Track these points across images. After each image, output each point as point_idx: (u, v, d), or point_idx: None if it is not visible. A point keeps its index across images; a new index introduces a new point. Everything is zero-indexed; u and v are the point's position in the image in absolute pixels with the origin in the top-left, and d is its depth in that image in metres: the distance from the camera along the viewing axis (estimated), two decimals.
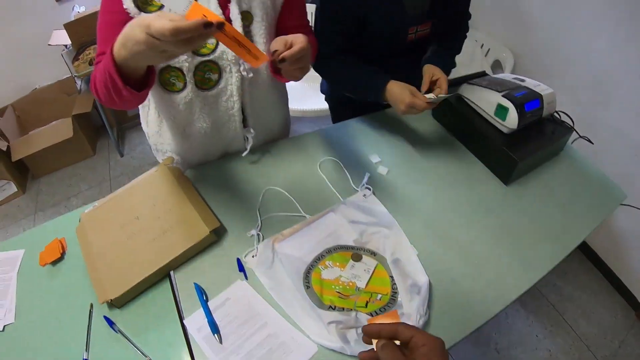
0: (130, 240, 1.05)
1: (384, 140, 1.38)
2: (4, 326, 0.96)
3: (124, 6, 0.93)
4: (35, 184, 3.06)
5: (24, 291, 1.03)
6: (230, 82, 1.10)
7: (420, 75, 1.31)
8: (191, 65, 1.03)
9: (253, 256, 1.02)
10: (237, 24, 1.01)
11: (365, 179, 1.21)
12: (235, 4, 1.01)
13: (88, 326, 0.93)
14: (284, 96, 1.36)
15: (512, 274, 1.01)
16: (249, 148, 1.26)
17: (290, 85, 2.72)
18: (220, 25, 0.69)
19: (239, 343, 0.87)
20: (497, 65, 2.40)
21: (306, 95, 2.69)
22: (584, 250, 2.32)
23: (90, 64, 2.59)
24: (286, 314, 0.91)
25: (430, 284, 0.95)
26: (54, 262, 1.08)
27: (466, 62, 2.06)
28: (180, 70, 1.04)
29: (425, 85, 1.27)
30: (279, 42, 0.88)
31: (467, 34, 1.55)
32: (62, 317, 0.96)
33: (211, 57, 1.04)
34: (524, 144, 1.22)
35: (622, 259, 2.19)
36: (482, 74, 1.51)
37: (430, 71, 1.28)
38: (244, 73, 1.09)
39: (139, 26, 0.69)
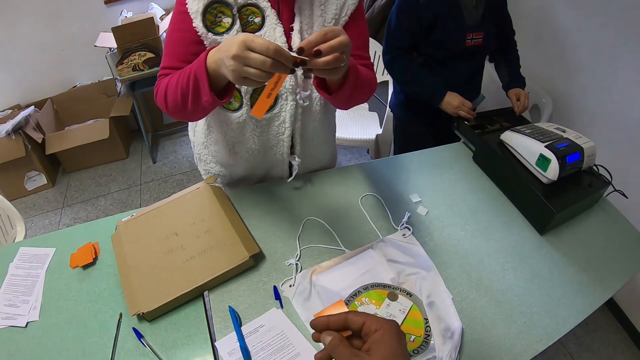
0: (168, 255, 1.06)
1: (425, 181, 1.39)
2: (27, 323, 0.97)
3: (193, 24, 0.97)
4: (65, 179, 3.13)
5: (51, 290, 1.04)
6: (285, 109, 1.12)
7: (475, 82, 1.84)
8: (249, 88, 1.06)
9: (290, 285, 1.02)
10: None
11: (406, 219, 1.21)
12: (297, 33, 1.03)
13: (115, 336, 0.94)
14: (332, 128, 1.38)
15: (542, 325, 1.00)
16: (294, 174, 1.28)
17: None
18: (292, 72, 0.78)
19: None
20: (535, 110, 2.39)
21: (345, 123, 2.71)
22: (607, 302, 2.26)
23: (134, 69, 2.65)
24: (320, 347, 0.91)
25: (462, 330, 0.95)
26: (85, 266, 1.09)
27: (502, 101, 2.07)
28: (238, 91, 1.07)
29: (515, 106, 1.70)
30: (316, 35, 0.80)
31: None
32: (88, 323, 0.97)
33: None
34: (561, 195, 1.22)
35: None
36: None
37: (513, 93, 1.73)
38: (300, 101, 1.11)
39: (243, 37, 0.74)
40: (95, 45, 2.77)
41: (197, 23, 0.97)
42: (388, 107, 2.34)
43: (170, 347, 0.92)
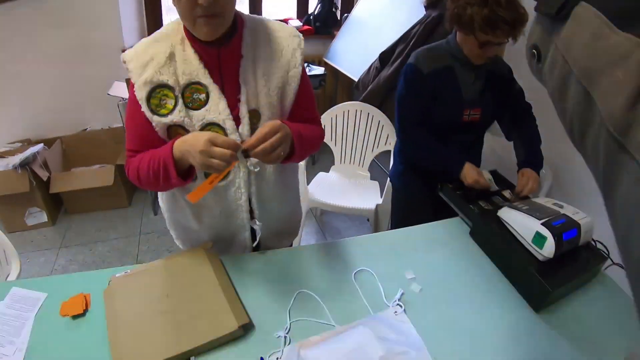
0: (158, 317, 1.06)
1: (420, 257, 1.38)
2: None
3: (142, 109, 1.07)
4: (66, 220, 3.13)
5: (38, 335, 1.04)
6: (239, 176, 1.20)
7: (472, 154, 1.84)
8: None
9: (277, 358, 1.01)
10: (245, 122, 1.13)
11: (398, 296, 1.20)
12: (244, 103, 1.12)
13: None
14: (291, 188, 1.43)
15: None
16: (258, 238, 1.33)
17: (331, 180, 2.76)
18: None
19: None
20: None
21: (346, 191, 2.70)
22: None
23: None
24: None
25: None
26: (74, 316, 1.09)
27: (504, 172, 2.11)
28: None
29: (519, 187, 1.58)
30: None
31: (505, 144, 1.94)
32: None
33: None
34: (557, 272, 1.21)
35: None
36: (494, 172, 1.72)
37: (522, 173, 1.62)
38: (251, 167, 1.18)
39: (208, 135, 0.95)
40: (108, 94, 2.85)
41: (144, 108, 1.07)
42: (389, 178, 2.36)
43: None
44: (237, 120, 1.13)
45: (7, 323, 1.06)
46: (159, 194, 1.41)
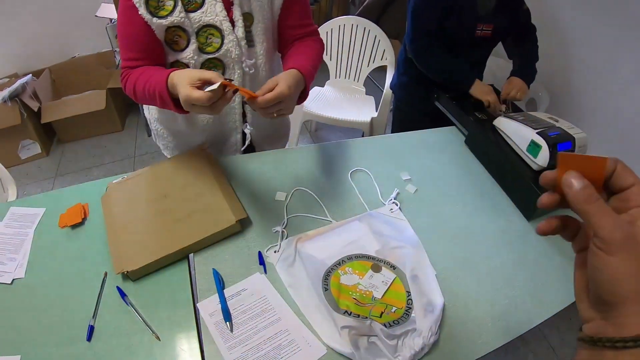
0: (156, 217, 1.07)
1: (416, 161, 1.39)
2: (13, 280, 0.98)
3: (139, 12, 1.03)
4: (59, 149, 3.11)
5: (39, 249, 1.05)
6: (233, 78, 1.19)
7: (475, 72, 1.77)
8: (197, 63, 1.13)
9: (275, 251, 1.03)
10: (240, 24, 1.12)
11: (394, 194, 1.22)
12: (237, 6, 1.10)
13: (99, 294, 0.94)
14: None
15: (523, 309, 1.00)
16: (247, 142, 1.36)
17: (326, 94, 2.72)
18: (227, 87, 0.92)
19: (249, 334, 0.88)
20: (531, 104, 2.40)
21: (341, 105, 2.70)
22: None
23: None
24: (300, 312, 0.92)
25: (444, 305, 0.96)
26: (74, 226, 1.10)
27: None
28: (187, 65, 1.14)
29: (503, 93, 1.66)
30: (268, 83, 0.99)
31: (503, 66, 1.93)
32: (73, 281, 0.98)
33: (216, 55, 1.13)
34: None
35: None
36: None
37: (509, 81, 1.70)
38: (246, 69, 1.19)
39: (183, 98, 0.90)
40: (96, 16, 2.75)
41: (142, 11, 1.03)
42: (386, 89, 2.33)
43: (152, 307, 0.92)
44: (231, 23, 1.12)
45: (7, 241, 1.06)
46: (144, 105, 1.40)
